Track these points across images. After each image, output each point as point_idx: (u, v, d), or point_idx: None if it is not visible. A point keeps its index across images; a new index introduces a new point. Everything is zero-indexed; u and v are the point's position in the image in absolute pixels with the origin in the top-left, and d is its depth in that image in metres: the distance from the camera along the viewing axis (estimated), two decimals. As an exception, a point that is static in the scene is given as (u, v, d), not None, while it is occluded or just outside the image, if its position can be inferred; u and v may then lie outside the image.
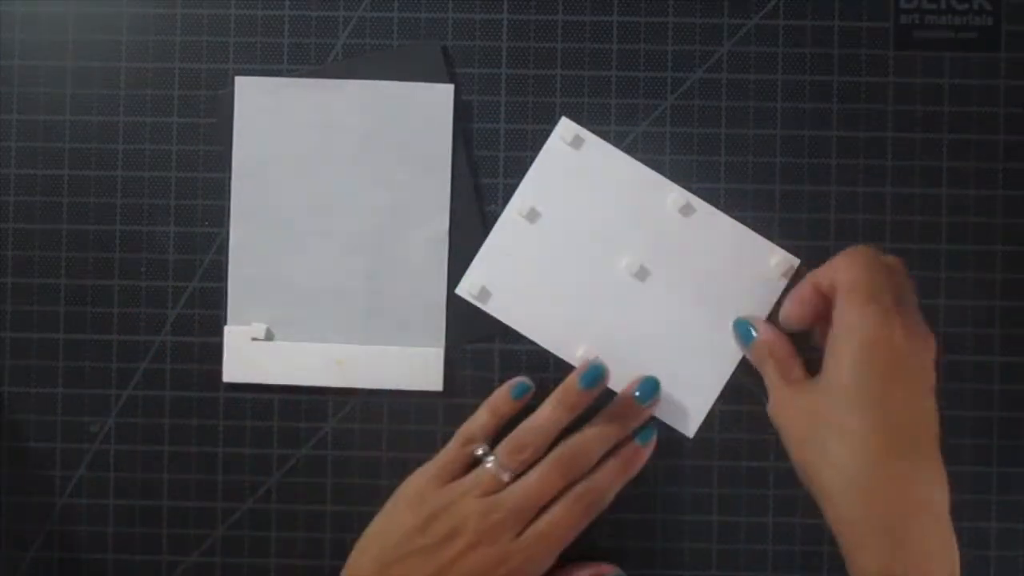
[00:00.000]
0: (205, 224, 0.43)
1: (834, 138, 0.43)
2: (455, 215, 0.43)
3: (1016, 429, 0.42)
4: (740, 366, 0.42)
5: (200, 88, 0.43)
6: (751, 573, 0.42)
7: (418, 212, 0.43)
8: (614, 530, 0.42)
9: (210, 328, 0.43)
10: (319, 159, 0.43)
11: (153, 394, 0.43)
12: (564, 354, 0.42)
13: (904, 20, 0.43)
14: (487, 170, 0.43)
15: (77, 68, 0.43)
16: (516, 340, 0.42)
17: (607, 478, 0.40)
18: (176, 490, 0.43)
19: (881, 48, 0.43)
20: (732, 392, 0.42)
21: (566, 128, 0.42)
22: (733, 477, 0.42)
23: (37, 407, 0.43)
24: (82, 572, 0.43)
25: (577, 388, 0.40)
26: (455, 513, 0.38)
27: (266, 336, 0.42)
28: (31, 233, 0.43)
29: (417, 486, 0.40)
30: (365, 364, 0.42)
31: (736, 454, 0.42)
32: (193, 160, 0.43)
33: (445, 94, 0.42)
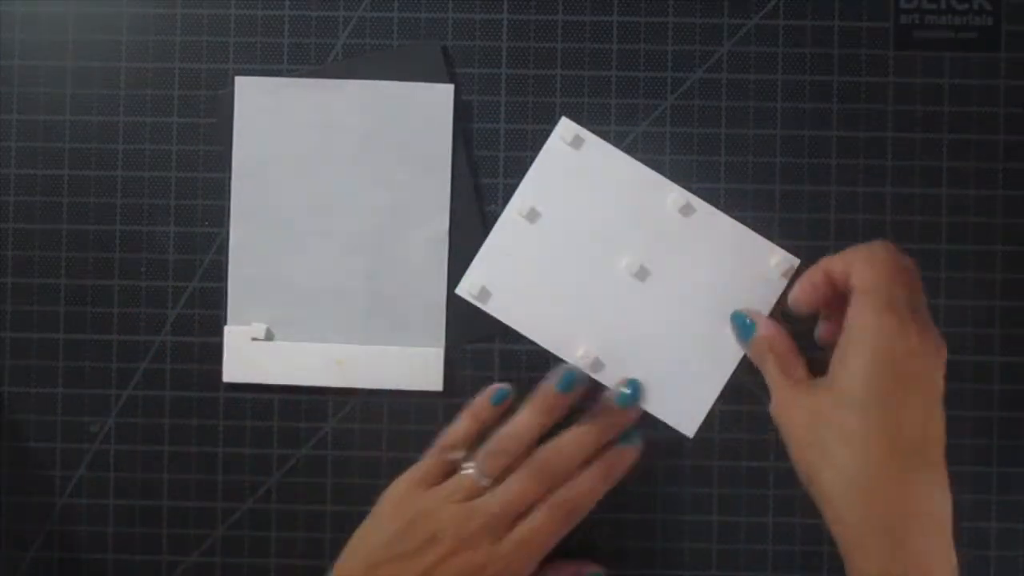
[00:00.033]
0: (205, 224, 0.43)
1: (834, 138, 0.43)
2: (455, 215, 0.43)
3: (1016, 429, 0.42)
4: (740, 366, 0.42)
5: (200, 88, 0.43)
6: (751, 573, 0.42)
7: (418, 212, 0.43)
8: (614, 530, 0.42)
9: (210, 328, 0.43)
10: (319, 159, 0.43)
11: (153, 394, 0.43)
12: (564, 354, 0.42)
13: (904, 20, 0.43)
14: (487, 170, 0.43)
15: (77, 68, 0.43)
16: (516, 340, 0.42)
17: (587, 483, 0.39)
18: (176, 490, 0.43)
19: (881, 48, 0.43)
20: (732, 392, 0.42)
21: (566, 128, 0.42)
22: (733, 477, 0.42)
23: (37, 407, 0.43)
24: (82, 572, 0.43)
25: (553, 392, 0.40)
26: (434, 519, 0.38)
27: (266, 336, 0.42)
28: (31, 233, 0.43)
29: (399, 491, 0.40)
30: (365, 364, 0.42)
31: (736, 454, 0.42)
32: (193, 160, 0.43)
33: (445, 94, 0.42)
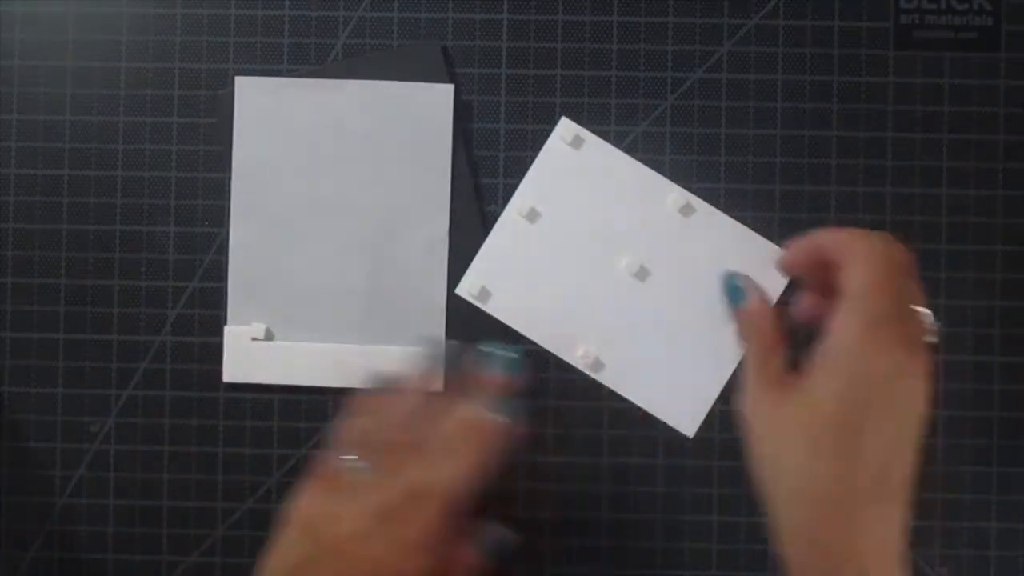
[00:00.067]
0: (205, 224, 0.43)
1: (834, 138, 0.43)
2: (455, 215, 0.43)
3: (1016, 429, 0.42)
4: (740, 366, 0.42)
5: (200, 88, 0.43)
6: (751, 573, 0.42)
7: (418, 212, 0.43)
8: (614, 530, 0.42)
9: (210, 328, 0.43)
10: (319, 159, 0.43)
11: (153, 394, 0.43)
12: (564, 354, 0.42)
13: (904, 20, 0.43)
14: (487, 170, 0.43)
15: (77, 68, 0.43)
16: (516, 340, 0.42)
17: (444, 463, 0.36)
18: (176, 490, 0.43)
19: (881, 48, 0.43)
20: (732, 392, 0.42)
21: (566, 128, 0.42)
22: (733, 477, 0.42)
23: (37, 407, 0.43)
24: (82, 572, 0.43)
25: (420, 374, 0.39)
26: (325, 521, 0.37)
27: (266, 336, 0.42)
28: (31, 233, 0.43)
29: (299, 500, 0.38)
30: (365, 364, 0.42)
31: (736, 454, 0.42)
32: (193, 160, 0.43)
33: (445, 94, 0.42)
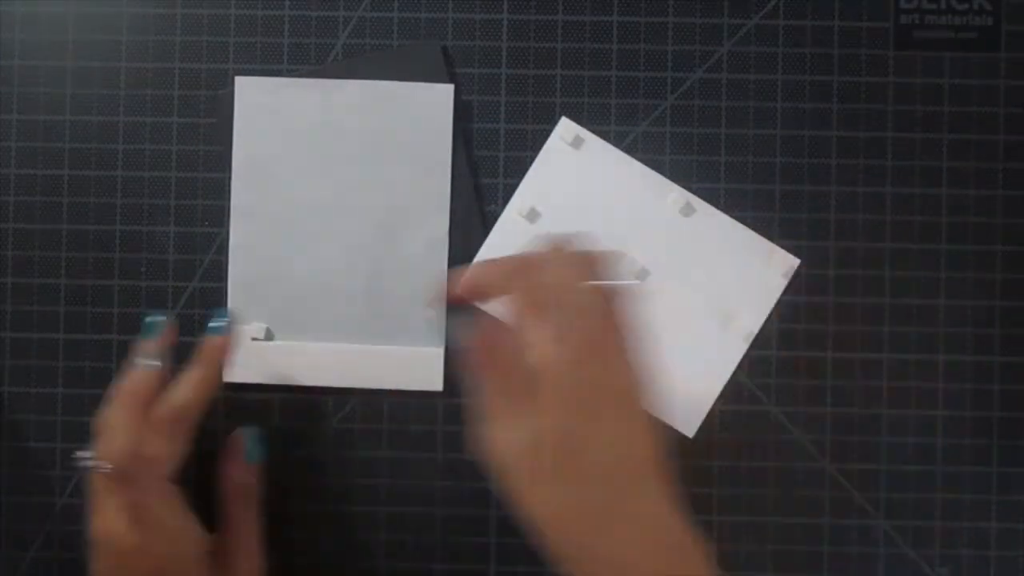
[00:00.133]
0: (205, 224, 0.43)
1: (834, 138, 0.43)
2: (455, 215, 0.43)
3: (1016, 429, 0.42)
4: (740, 366, 0.42)
5: (200, 88, 0.43)
6: (751, 573, 0.42)
7: (418, 212, 0.43)
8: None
9: (210, 328, 0.43)
10: (319, 159, 0.43)
11: (153, 394, 0.43)
12: (564, 354, 0.42)
13: (904, 20, 0.43)
14: (487, 170, 0.43)
15: (77, 68, 0.43)
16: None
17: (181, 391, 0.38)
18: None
19: (881, 48, 0.43)
20: (732, 392, 0.42)
21: (566, 128, 0.42)
22: (733, 477, 0.42)
23: (37, 407, 0.43)
24: (82, 572, 0.43)
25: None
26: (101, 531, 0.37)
27: (266, 336, 0.42)
28: (31, 233, 0.43)
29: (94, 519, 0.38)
30: (365, 364, 0.42)
31: (736, 454, 0.42)
32: (193, 160, 0.43)
33: (445, 94, 0.42)
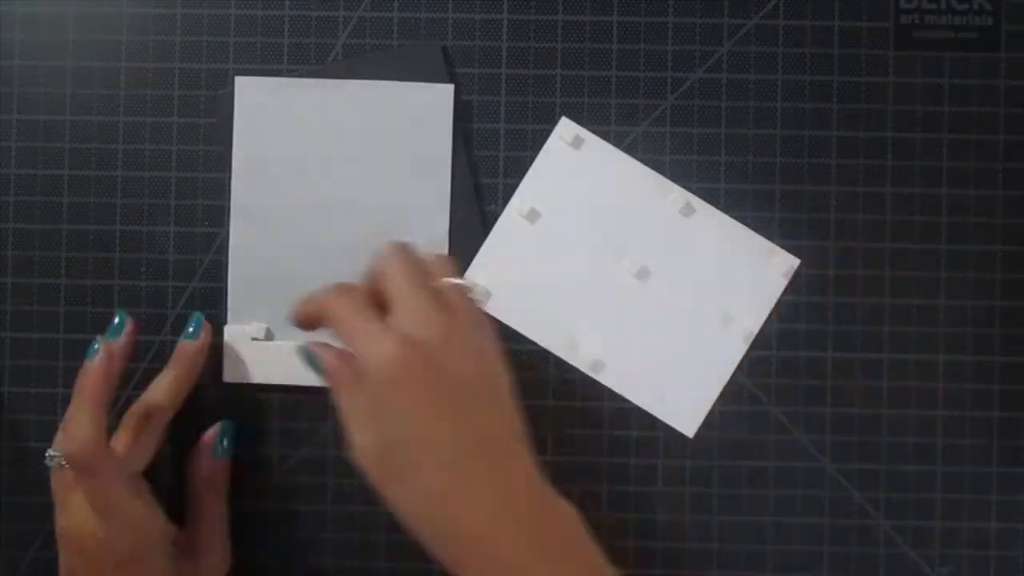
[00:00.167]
0: (205, 224, 0.43)
1: (834, 138, 0.43)
2: (455, 215, 0.43)
3: (1016, 429, 0.42)
4: (740, 366, 0.42)
5: (200, 88, 0.43)
6: (751, 573, 0.42)
7: (418, 212, 0.43)
8: (614, 530, 0.42)
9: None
10: (319, 159, 0.43)
11: (153, 394, 0.43)
12: (564, 354, 0.42)
13: (904, 20, 0.43)
14: (487, 170, 0.43)
15: (77, 68, 0.43)
16: (516, 340, 0.42)
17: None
18: (176, 490, 0.43)
19: (881, 48, 0.43)
20: (732, 392, 0.42)
21: (566, 128, 0.42)
22: (733, 477, 0.42)
23: (37, 407, 0.43)
24: (82, 572, 0.43)
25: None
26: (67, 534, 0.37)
27: (266, 336, 0.42)
28: (31, 233, 0.43)
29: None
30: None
31: (736, 454, 0.42)
32: (193, 160, 0.43)
33: (445, 94, 0.42)
